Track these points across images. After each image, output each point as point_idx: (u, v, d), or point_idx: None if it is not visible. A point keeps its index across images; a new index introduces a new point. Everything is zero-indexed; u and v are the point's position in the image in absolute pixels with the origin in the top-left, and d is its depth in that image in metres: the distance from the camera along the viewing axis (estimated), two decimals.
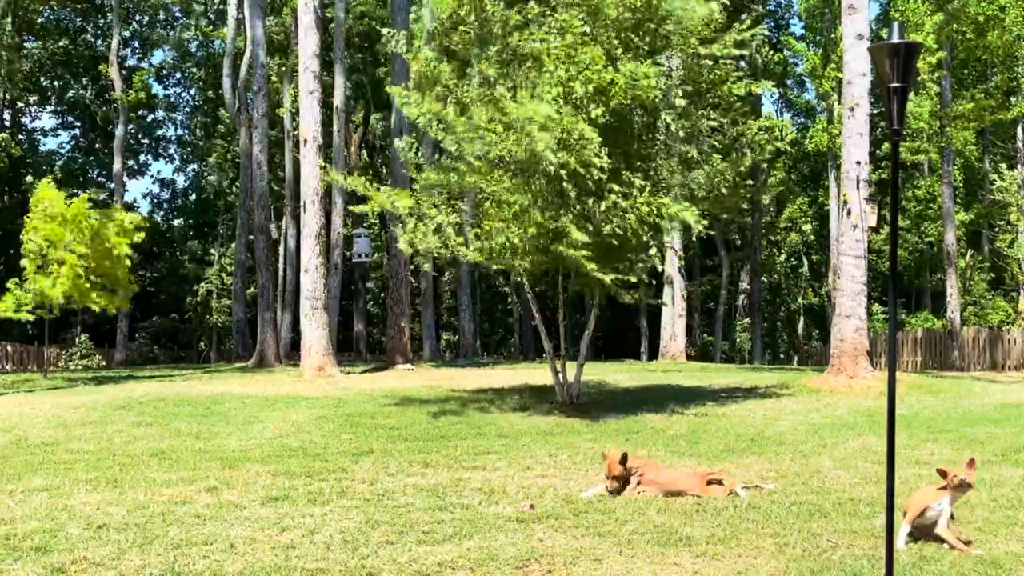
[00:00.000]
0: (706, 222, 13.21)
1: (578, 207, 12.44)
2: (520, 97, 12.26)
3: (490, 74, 12.92)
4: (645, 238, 13.29)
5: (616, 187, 12.40)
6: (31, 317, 20.28)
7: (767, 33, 42.37)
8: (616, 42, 12.97)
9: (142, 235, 22.08)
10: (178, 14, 46.39)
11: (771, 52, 39.72)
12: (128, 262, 21.56)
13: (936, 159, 33.98)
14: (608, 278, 12.37)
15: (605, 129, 12.43)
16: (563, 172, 12.08)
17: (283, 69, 37.20)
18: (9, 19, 39.46)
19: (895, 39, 4.78)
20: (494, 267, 13.56)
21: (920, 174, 40.51)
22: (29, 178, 21.80)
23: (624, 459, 7.82)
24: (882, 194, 32.51)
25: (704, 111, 13.77)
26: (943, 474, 6.11)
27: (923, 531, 6.16)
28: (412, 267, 26.44)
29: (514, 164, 12.83)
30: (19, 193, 40.10)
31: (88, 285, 20.18)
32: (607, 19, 12.97)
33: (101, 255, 20.51)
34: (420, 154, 14.30)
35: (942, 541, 6.05)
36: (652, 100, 13.00)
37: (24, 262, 20.23)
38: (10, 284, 20.22)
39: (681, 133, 13.49)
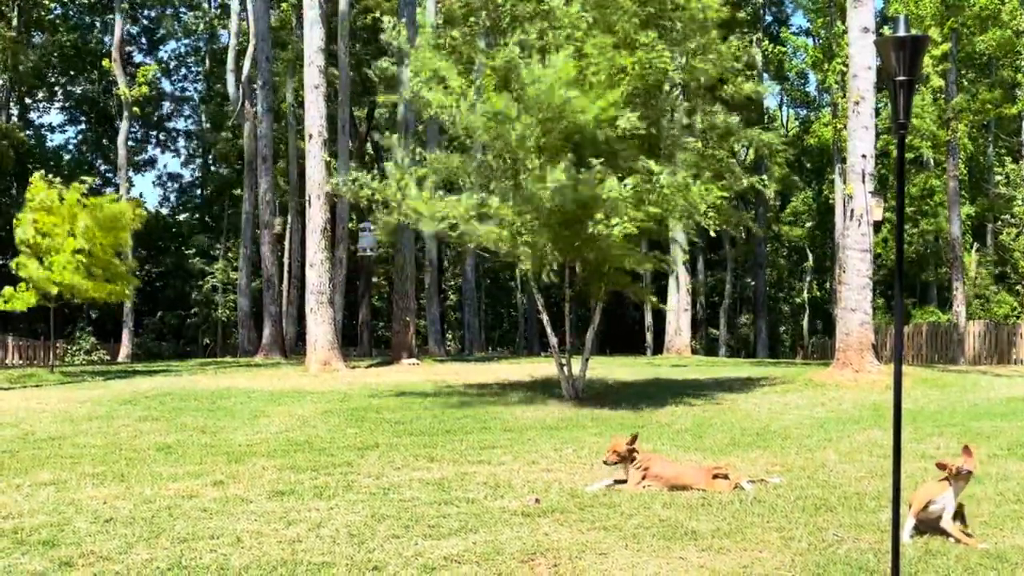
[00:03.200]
0: (721, 219, 13.25)
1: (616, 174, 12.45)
2: (534, 73, 12.29)
3: (497, 63, 12.90)
4: (671, 229, 13.40)
5: (648, 161, 12.48)
6: (23, 307, 20.06)
7: (768, 24, 42.45)
8: (628, 27, 12.97)
9: (143, 214, 21.94)
10: (183, 10, 46.39)
11: (771, 45, 39.66)
12: (130, 245, 21.39)
13: (931, 154, 33.91)
14: (630, 261, 12.44)
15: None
16: (598, 133, 12.11)
17: (284, 64, 37.18)
18: (15, 13, 39.49)
19: (901, 32, 4.76)
20: (504, 250, 13.34)
21: (919, 169, 40.44)
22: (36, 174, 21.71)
23: (634, 440, 7.89)
24: (886, 188, 32.46)
25: (712, 106, 13.80)
26: (942, 467, 6.11)
27: (928, 525, 6.16)
28: (419, 249, 26.43)
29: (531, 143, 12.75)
30: (25, 189, 40.17)
31: (85, 275, 19.96)
32: (620, 8, 12.97)
33: (99, 244, 20.31)
34: (418, 152, 14.26)
35: (947, 535, 6.05)
36: (663, 84, 13.07)
37: (20, 259, 20.08)
38: (6, 291, 20.06)
39: (697, 123, 13.53)
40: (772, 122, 46.68)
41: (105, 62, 39.05)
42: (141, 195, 47.95)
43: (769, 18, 43.35)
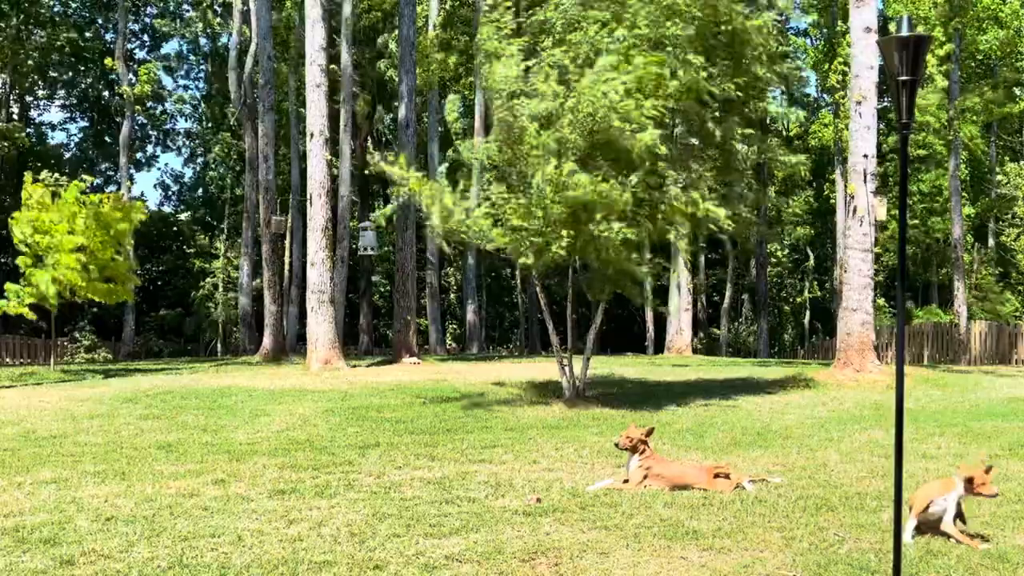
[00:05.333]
0: (730, 223, 13.21)
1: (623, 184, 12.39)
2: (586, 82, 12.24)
3: (560, 63, 12.84)
4: (671, 235, 13.35)
5: (657, 175, 12.47)
6: (31, 315, 20.05)
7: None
8: (680, 50, 12.91)
9: (143, 216, 21.90)
10: (186, 7, 46.38)
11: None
12: (131, 244, 21.28)
13: (942, 152, 33.93)
14: (635, 267, 12.38)
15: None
16: (621, 153, 12.09)
17: (286, 63, 37.20)
18: (14, 11, 39.48)
19: (904, 32, 4.76)
20: (510, 248, 13.18)
21: (925, 167, 40.41)
22: (28, 173, 21.59)
23: (649, 432, 8.01)
24: (888, 188, 32.44)
25: (736, 121, 13.77)
26: (970, 480, 6.03)
27: (929, 526, 6.15)
28: (416, 258, 26.46)
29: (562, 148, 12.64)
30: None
31: (87, 277, 19.88)
32: (675, 27, 12.92)
33: (100, 244, 20.24)
34: (460, 122, 14.04)
35: (948, 536, 6.04)
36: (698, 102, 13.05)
37: (20, 259, 19.96)
38: (8, 286, 19.98)
39: (717, 134, 13.51)
40: (773, 123, 46.61)
41: (108, 60, 39.04)
42: (142, 194, 47.95)
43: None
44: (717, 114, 13.50)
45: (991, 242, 41.23)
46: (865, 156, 16.32)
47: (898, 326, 5.05)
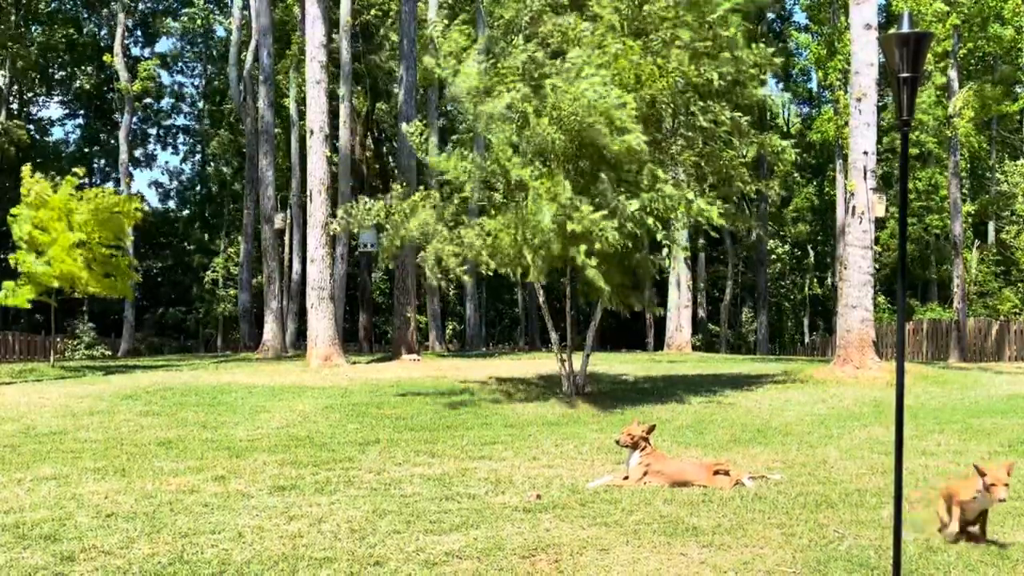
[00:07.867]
0: (723, 221, 13.14)
1: (601, 197, 12.30)
2: (562, 81, 12.17)
3: (533, 56, 12.80)
4: (658, 236, 13.29)
5: (645, 175, 12.41)
6: (27, 304, 20.00)
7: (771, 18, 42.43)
8: (664, 35, 12.87)
9: (139, 216, 21.88)
10: (177, 4, 46.33)
11: (775, 40, 39.55)
12: (130, 239, 21.20)
13: (937, 151, 33.91)
14: (608, 288, 12.29)
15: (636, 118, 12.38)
16: (606, 153, 12.01)
17: (287, 59, 37.18)
18: (13, 7, 39.46)
19: (905, 29, 4.76)
20: (503, 270, 13.24)
21: (922, 165, 40.38)
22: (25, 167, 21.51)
23: (650, 430, 8.05)
24: (888, 185, 32.44)
25: (723, 107, 13.72)
26: (985, 477, 6.02)
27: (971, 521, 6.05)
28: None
29: (544, 152, 12.60)
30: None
31: (85, 271, 19.84)
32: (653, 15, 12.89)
33: (98, 239, 20.18)
34: (429, 141, 13.98)
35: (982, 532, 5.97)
36: (684, 94, 12.99)
37: (18, 255, 19.93)
38: (6, 285, 19.94)
39: (704, 124, 13.45)
40: (774, 119, 46.64)
41: (107, 57, 39.03)
42: (138, 192, 47.92)
43: (771, 15, 43.31)
44: (704, 103, 13.45)
45: (991, 239, 41.22)
46: (865, 153, 16.31)
47: (898, 323, 5.06)
